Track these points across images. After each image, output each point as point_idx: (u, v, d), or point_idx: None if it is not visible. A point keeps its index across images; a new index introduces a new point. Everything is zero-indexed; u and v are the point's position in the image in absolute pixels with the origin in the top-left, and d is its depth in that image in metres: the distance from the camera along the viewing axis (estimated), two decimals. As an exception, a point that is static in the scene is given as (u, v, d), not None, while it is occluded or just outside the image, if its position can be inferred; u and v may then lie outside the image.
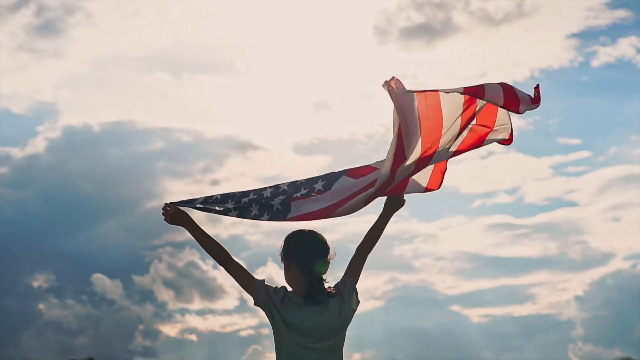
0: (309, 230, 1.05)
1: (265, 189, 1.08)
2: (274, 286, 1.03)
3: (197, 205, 1.07)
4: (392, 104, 1.00)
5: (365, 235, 1.10)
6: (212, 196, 1.08)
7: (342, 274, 1.07)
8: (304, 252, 1.02)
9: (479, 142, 1.05)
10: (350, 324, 1.04)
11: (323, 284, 1.03)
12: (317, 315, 1.01)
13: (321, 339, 1.01)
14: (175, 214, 1.05)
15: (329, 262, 1.04)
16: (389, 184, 1.02)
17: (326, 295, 1.02)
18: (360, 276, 1.08)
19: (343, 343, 1.03)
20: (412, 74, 9.05)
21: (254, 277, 1.03)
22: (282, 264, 1.05)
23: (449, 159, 1.06)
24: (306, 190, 1.07)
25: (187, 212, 1.06)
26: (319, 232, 1.05)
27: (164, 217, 1.05)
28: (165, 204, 1.05)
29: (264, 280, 1.02)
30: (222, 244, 1.04)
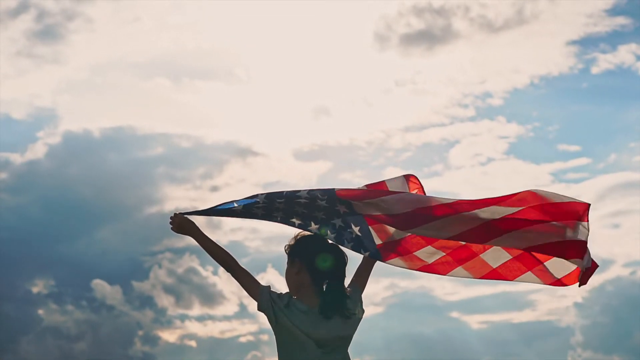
0: (330, 242, 1.04)
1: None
2: (279, 292, 1.03)
3: (212, 213, 1.07)
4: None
5: None
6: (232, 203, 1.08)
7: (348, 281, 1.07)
8: (322, 263, 1.02)
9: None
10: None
11: (340, 299, 1.02)
12: (322, 322, 1.01)
13: (325, 345, 1.01)
14: (181, 223, 1.05)
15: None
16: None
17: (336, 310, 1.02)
18: (366, 285, 1.09)
19: (347, 347, 1.04)
20: (411, 80, 9.06)
21: (259, 283, 1.03)
22: (287, 262, 1.04)
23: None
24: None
25: (194, 221, 1.06)
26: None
27: (170, 226, 1.06)
28: (175, 214, 1.06)
29: (269, 286, 1.03)
30: (228, 251, 1.04)
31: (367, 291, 1.08)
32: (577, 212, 1.03)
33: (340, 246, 1.04)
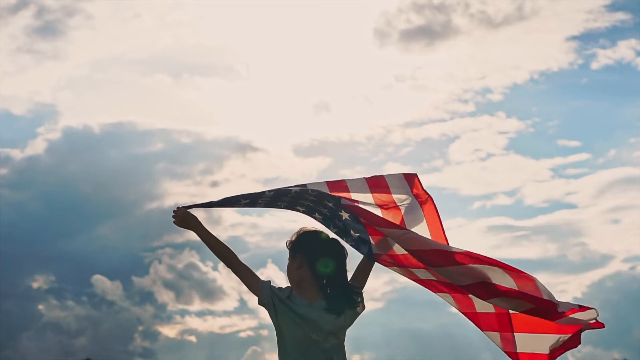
0: (331, 239, 1.05)
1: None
2: (279, 286, 1.04)
3: (215, 206, 1.08)
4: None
5: None
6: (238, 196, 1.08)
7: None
8: (323, 269, 1.03)
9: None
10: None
11: (347, 295, 1.03)
12: (322, 315, 1.02)
13: (324, 337, 1.02)
14: (184, 217, 1.06)
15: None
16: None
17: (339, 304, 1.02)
18: (367, 280, 1.09)
19: (344, 339, 1.04)
20: (411, 76, 9.05)
21: (259, 278, 1.04)
22: (289, 257, 1.05)
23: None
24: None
25: (196, 216, 1.07)
26: (337, 239, 1.05)
27: (173, 220, 1.06)
28: (178, 207, 1.06)
29: (269, 281, 1.04)
30: (229, 247, 1.05)
31: (367, 286, 1.09)
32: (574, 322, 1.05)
33: (340, 240, 1.05)
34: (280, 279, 1.08)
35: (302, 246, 1.05)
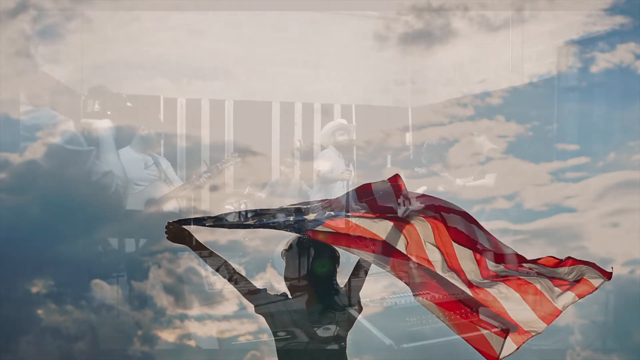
0: (327, 245, 1.05)
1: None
2: (275, 293, 1.04)
3: (207, 224, 1.08)
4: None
5: None
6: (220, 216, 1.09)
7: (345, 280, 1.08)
8: (320, 269, 1.04)
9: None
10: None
11: (334, 302, 1.04)
12: (319, 317, 1.02)
13: (323, 341, 1.02)
14: (177, 233, 1.06)
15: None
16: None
17: (332, 310, 1.03)
18: (364, 283, 1.10)
19: (345, 345, 1.05)
20: (411, 80, 9.08)
21: (256, 287, 1.04)
22: (286, 261, 1.06)
23: None
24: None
25: (189, 230, 1.07)
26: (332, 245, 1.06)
27: (166, 235, 1.06)
28: (168, 222, 1.07)
29: (265, 288, 1.04)
30: (225, 259, 1.05)
31: (366, 289, 1.09)
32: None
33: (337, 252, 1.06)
34: (279, 283, 1.09)
35: (299, 250, 1.05)
